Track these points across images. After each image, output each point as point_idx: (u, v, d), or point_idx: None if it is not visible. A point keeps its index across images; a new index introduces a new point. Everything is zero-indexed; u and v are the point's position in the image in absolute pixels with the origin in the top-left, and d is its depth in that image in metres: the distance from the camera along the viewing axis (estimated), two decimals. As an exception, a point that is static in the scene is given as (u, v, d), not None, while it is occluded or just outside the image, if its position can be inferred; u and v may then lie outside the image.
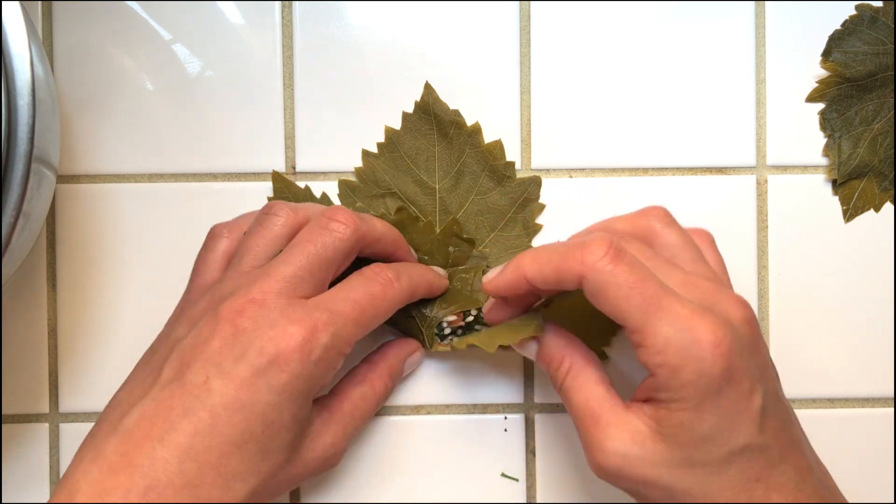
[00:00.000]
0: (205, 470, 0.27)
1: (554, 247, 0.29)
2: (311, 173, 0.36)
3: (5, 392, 0.36)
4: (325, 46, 0.36)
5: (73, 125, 0.36)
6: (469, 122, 0.36)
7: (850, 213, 0.37)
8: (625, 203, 0.37)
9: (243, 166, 0.36)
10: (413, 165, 0.36)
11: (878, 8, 0.36)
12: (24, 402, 0.36)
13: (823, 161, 0.37)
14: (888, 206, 0.37)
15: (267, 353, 0.28)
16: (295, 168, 0.36)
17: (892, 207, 0.37)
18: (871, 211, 0.37)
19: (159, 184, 0.36)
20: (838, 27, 0.36)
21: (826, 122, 0.37)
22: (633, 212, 0.32)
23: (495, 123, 0.36)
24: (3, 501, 0.36)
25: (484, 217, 0.36)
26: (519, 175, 0.37)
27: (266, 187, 0.36)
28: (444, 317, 0.35)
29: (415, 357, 0.36)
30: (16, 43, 0.26)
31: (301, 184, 0.36)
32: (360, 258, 0.33)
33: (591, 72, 0.37)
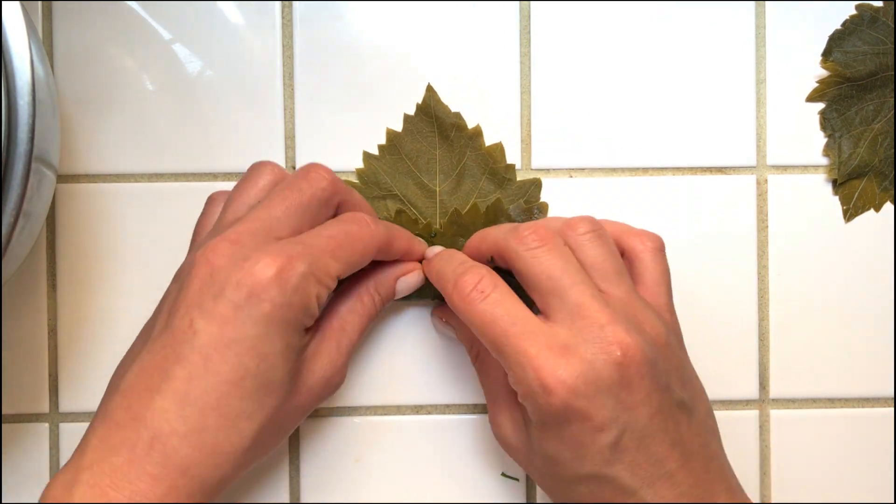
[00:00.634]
0: (206, 413, 0.27)
1: (451, 268, 0.31)
2: (311, 173, 0.37)
3: (5, 392, 0.36)
4: (325, 46, 0.36)
5: (73, 125, 0.36)
6: (468, 122, 0.36)
7: (850, 213, 0.37)
8: (625, 203, 0.37)
9: (243, 166, 0.36)
10: (414, 167, 0.36)
11: (878, 8, 0.36)
12: (24, 402, 0.36)
13: (823, 161, 0.37)
14: (888, 206, 0.37)
15: (244, 285, 0.27)
16: (295, 168, 0.36)
17: (892, 207, 0.37)
18: (871, 211, 0.37)
19: (159, 184, 0.36)
20: (838, 27, 0.36)
21: (826, 121, 0.37)
22: (567, 219, 0.32)
23: (495, 123, 0.36)
24: (3, 501, 0.36)
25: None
26: (519, 175, 0.37)
27: (266, 187, 0.36)
28: None
29: (410, 277, 0.34)
30: (16, 43, 0.26)
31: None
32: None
33: (591, 72, 0.37)
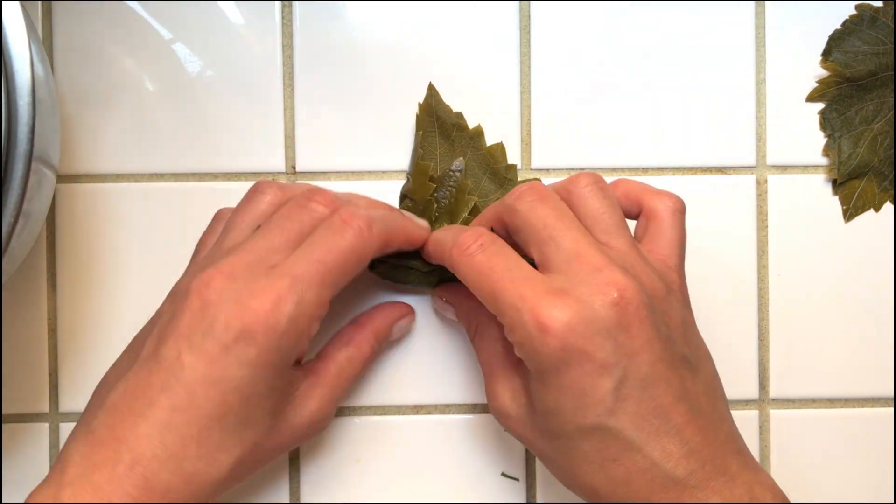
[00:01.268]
0: (187, 443, 0.27)
1: (446, 232, 0.32)
2: (310, 173, 0.36)
3: (5, 392, 0.36)
4: (325, 46, 0.36)
5: (73, 125, 0.36)
6: (468, 121, 0.36)
7: (850, 213, 0.37)
8: (625, 203, 0.37)
9: (243, 166, 0.36)
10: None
11: (878, 8, 0.36)
12: (24, 402, 0.36)
13: (823, 161, 0.37)
14: (888, 206, 0.37)
15: (233, 328, 0.27)
16: (295, 168, 0.36)
17: (892, 207, 0.37)
18: (871, 211, 0.37)
19: (159, 184, 0.36)
20: (838, 27, 0.36)
21: (826, 121, 0.37)
22: (567, 178, 0.31)
23: (495, 123, 0.36)
24: (3, 501, 0.36)
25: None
26: (520, 175, 0.37)
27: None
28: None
29: (404, 322, 0.35)
30: (16, 43, 0.26)
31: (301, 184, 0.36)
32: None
33: (591, 72, 0.37)
